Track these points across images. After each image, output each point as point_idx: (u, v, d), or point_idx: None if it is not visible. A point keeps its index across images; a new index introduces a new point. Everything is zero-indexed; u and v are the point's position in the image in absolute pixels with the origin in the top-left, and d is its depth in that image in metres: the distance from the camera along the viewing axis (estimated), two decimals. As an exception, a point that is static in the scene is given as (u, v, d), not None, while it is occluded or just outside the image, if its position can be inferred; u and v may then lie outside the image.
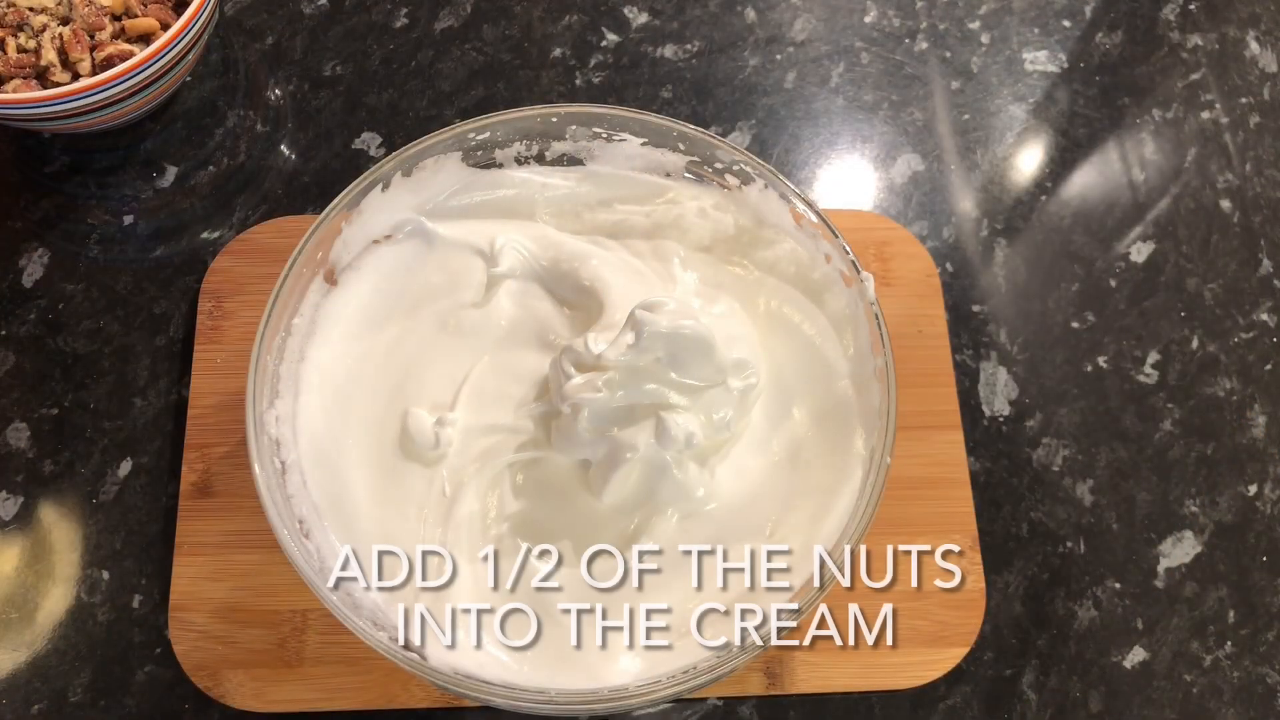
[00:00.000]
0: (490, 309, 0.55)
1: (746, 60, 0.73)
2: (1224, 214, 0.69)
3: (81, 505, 0.58)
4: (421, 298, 0.56)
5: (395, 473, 0.52)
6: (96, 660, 0.55)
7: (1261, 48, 0.75)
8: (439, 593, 0.48)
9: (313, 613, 0.55)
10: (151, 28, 0.62)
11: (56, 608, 0.56)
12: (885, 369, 0.50)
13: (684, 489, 0.50)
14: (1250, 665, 0.58)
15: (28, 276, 0.64)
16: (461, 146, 0.55)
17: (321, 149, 0.68)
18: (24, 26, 0.61)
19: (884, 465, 0.48)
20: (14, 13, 0.61)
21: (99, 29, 0.61)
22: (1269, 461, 0.63)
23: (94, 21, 0.60)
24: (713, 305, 0.55)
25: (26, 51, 0.60)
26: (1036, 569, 0.59)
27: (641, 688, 0.46)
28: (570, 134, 0.56)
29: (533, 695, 0.45)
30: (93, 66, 0.60)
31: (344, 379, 0.53)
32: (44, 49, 0.60)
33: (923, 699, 0.56)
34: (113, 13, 0.62)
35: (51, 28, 0.61)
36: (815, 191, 0.69)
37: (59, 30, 0.61)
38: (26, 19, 0.61)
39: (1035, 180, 0.70)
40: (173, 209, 0.66)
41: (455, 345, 0.55)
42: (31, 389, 0.61)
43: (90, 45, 0.61)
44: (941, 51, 0.74)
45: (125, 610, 0.56)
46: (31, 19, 0.61)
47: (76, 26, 0.61)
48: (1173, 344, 0.66)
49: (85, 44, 0.60)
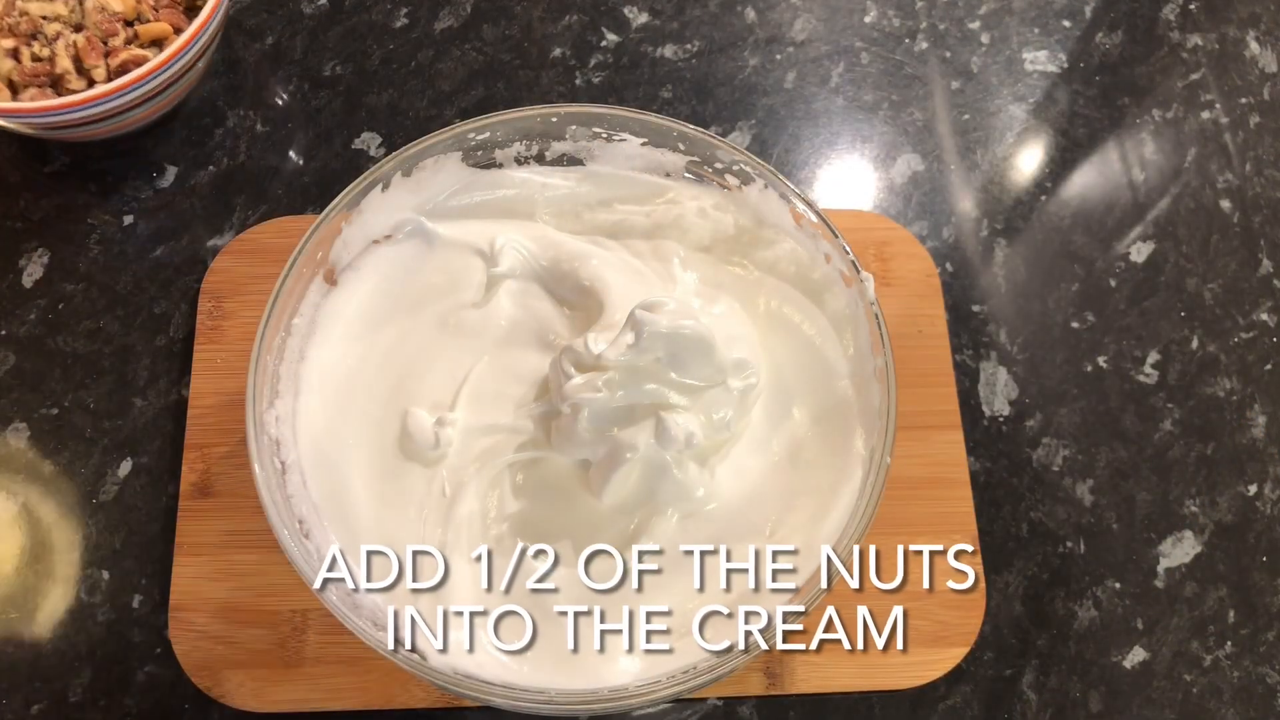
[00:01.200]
0: (490, 309, 0.55)
1: (746, 60, 0.73)
2: (1224, 214, 0.69)
3: (81, 505, 0.58)
4: (421, 298, 0.56)
5: (395, 473, 0.52)
6: (96, 660, 0.55)
7: (1261, 48, 0.75)
8: (435, 594, 0.48)
9: (313, 613, 0.55)
10: (165, 33, 0.62)
11: (56, 608, 0.56)
12: (885, 369, 0.50)
13: (684, 489, 0.50)
14: (1250, 665, 0.58)
15: (28, 276, 0.64)
16: (461, 146, 0.55)
17: (321, 149, 0.68)
18: (37, 35, 0.60)
19: (884, 465, 0.48)
20: (27, 21, 0.60)
21: (112, 35, 0.61)
22: (1269, 461, 0.63)
23: (107, 28, 0.60)
24: (713, 305, 0.55)
25: (41, 60, 0.60)
26: (1036, 569, 0.59)
27: (641, 688, 0.46)
28: (570, 134, 0.56)
29: (533, 695, 0.45)
30: (108, 73, 0.60)
31: (344, 379, 0.53)
32: (58, 57, 0.60)
33: (923, 699, 0.56)
34: (125, 19, 0.62)
35: (65, 35, 0.61)
36: (815, 191, 0.69)
37: (73, 38, 0.60)
38: (40, 27, 0.60)
39: (1035, 180, 0.70)
40: (173, 209, 0.66)
41: (455, 345, 0.55)
42: (31, 389, 0.61)
43: (104, 52, 0.61)
44: (941, 51, 0.74)
45: (125, 610, 0.56)
46: (45, 27, 0.61)
47: (90, 34, 0.60)
48: (1173, 344, 0.66)
49: (100, 50, 0.60)
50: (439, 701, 0.54)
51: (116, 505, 0.58)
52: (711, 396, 0.50)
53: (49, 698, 0.54)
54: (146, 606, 0.56)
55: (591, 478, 0.51)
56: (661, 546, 0.50)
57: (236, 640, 0.54)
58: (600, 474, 0.50)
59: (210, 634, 0.54)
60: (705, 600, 0.48)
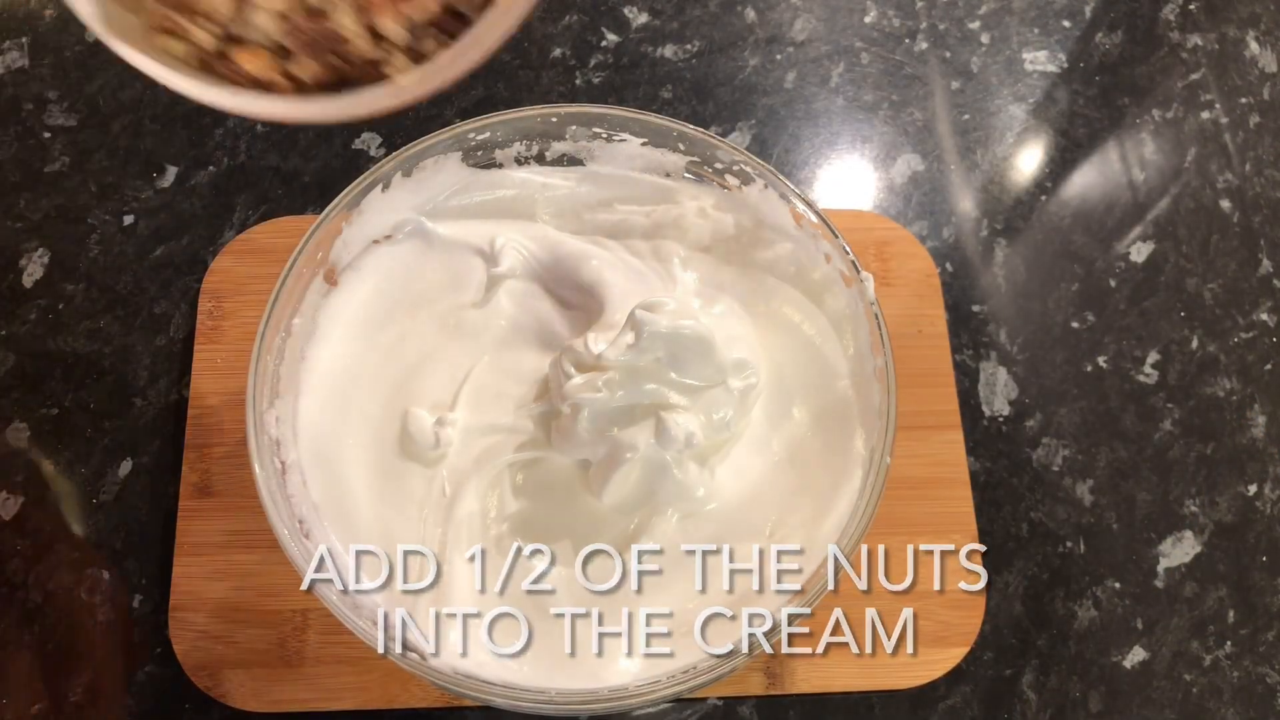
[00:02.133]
0: (490, 309, 0.55)
1: (746, 60, 0.73)
2: (1224, 214, 0.69)
3: (81, 505, 0.58)
4: (422, 298, 0.56)
5: (395, 473, 0.52)
6: (96, 660, 0.55)
7: (1261, 48, 0.75)
8: (432, 594, 0.48)
9: (313, 613, 0.55)
10: None
11: (57, 607, 0.56)
12: (885, 369, 0.50)
13: (684, 489, 0.50)
14: (1250, 665, 0.58)
15: (28, 276, 0.64)
16: (461, 146, 0.55)
17: (321, 149, 0.68)
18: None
19: (884, 465, 0.48)
20: None
21: None
22: (1269, 461, 0.63)
23: None
24: (713, 305, 0.55)
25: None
26: (1036, 569, 0.59)
27: (641, 688, 0.46)
28: (570, 134, 0.56)
29: (533, 695, 0.45)
30: None
31: (344, 379, 0.53)
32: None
33: (923, 699, 0.56)
34: None
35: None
36: (815, 191, 0.69)
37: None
38: None
39: (1035, 180, 0.70)
40: (173, 209, 0.66)
41: (455, 345, 0.55)
42: (31, 389, 0.61)
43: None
44: (941, 51, 0.74)
45: (125, 610, 0.56)
46: None
47: None
48: (1173, 344, 0.66)
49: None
50: (439, 701, 0.54)
51: (116, 505, 0.58)
52: (711, 396, 0.50)
53: (49, 698, 0.54)
54: (147, 606, 0.56)
55: (592, 477, 0.51)
56: (661, 546, 0.50)
57: (236, 640, 0.54)
58: (600, 474, 0.50)
59: (210, 634, 0.54)
60: (706, 601, 0.48)
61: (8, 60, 0.70)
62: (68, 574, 0.57)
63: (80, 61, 0.70)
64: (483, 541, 0.50)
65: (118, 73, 0.69)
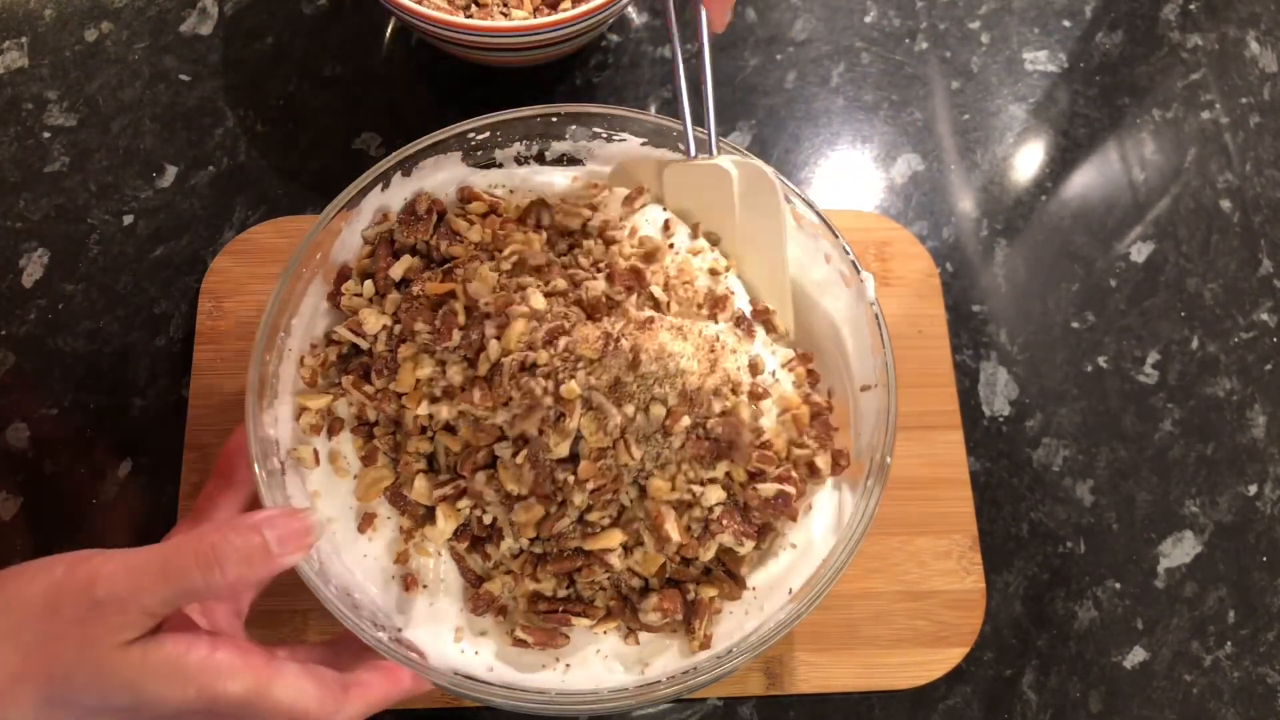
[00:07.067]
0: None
1: (746, 60, 0.73)
2: (1224, 214, 0.69)
3: (81, 505, 0.58)
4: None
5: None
6: (96, 660, 0.55)
7: (1261, 48, 0.75)
8: (429, 591, 0.48)
9: (313, 613, 0.55)
10: None
11: (56, 608, 0.56)
12: (885, 369, 0.50)
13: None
14: (1250, 665, 0.58)
15: (28, 276, 0.64)
16: (461, 146, 0.55)
17: (321, 149, 0.68)
18: None
19: (884, 465, 0.48)
20: None
21: None
22: (1269, 461, 0.63)
23: None
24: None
25: None
26: (1036, 569, 0.59)
27: (641, 688, 0.46)
28: (570, 134, 0.56)
29: (533, 695, 0.45)
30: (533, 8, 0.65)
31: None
32: None
33: (923, 699, 0.56)
34: None
35: None
36: (815, 191, 0.69)
37: None
38: None
39: (1035, 180, 0.70)
40: (172, 209, 0.66)
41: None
42: (31, 389, 0.61)
43: None
44: (941, 51, 0.74)
45: (125, 610, 0.56)
46: None
47: None
48: (1173, 344, 0.66)
49: None
50: (439, 701, 0.54)
51: (116, 505, 0.58)
52: None
53: (49, 698, 0.54)
54: (146, 606, 0.56)
55: None
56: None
57: (236, 640, 0.54)
58: None
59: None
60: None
61: (8, 60, 0.70)
62: (68, 574, 0.56)
63: (80, 61, 0.70)
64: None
65: (118, 73, 0.69)
